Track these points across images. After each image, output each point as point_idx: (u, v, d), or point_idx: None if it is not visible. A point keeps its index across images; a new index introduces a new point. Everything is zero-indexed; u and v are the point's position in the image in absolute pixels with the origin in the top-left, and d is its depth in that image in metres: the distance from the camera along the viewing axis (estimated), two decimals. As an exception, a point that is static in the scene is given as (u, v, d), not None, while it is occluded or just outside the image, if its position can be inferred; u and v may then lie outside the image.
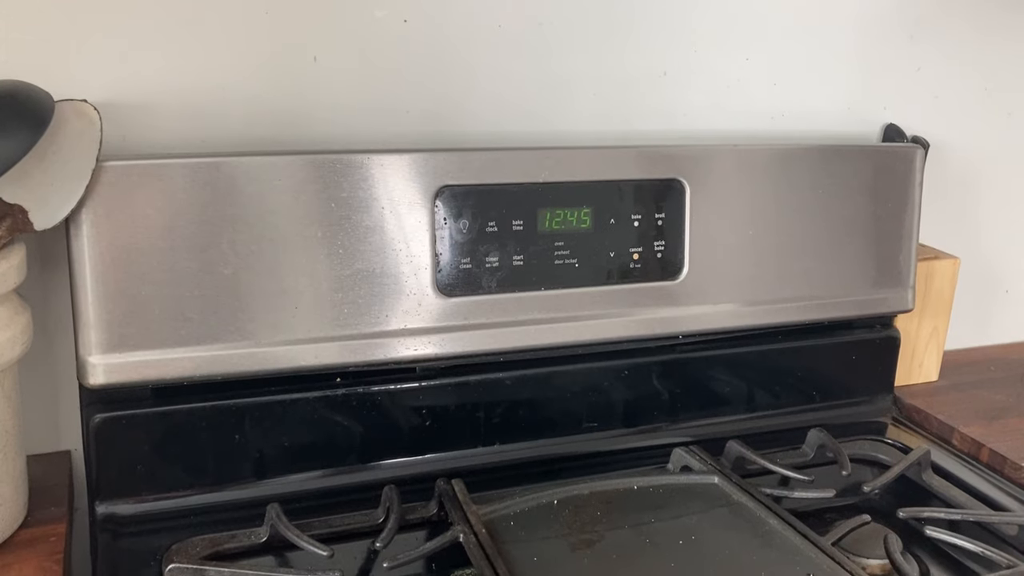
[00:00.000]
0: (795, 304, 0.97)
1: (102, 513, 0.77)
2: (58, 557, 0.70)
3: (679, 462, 0.90)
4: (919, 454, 0.92)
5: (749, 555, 0.74)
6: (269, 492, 0.81)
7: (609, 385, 0.93)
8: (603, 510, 0.80)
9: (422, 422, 0.87)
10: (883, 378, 1.07)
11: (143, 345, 0.74)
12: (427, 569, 0.79)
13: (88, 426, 0.76)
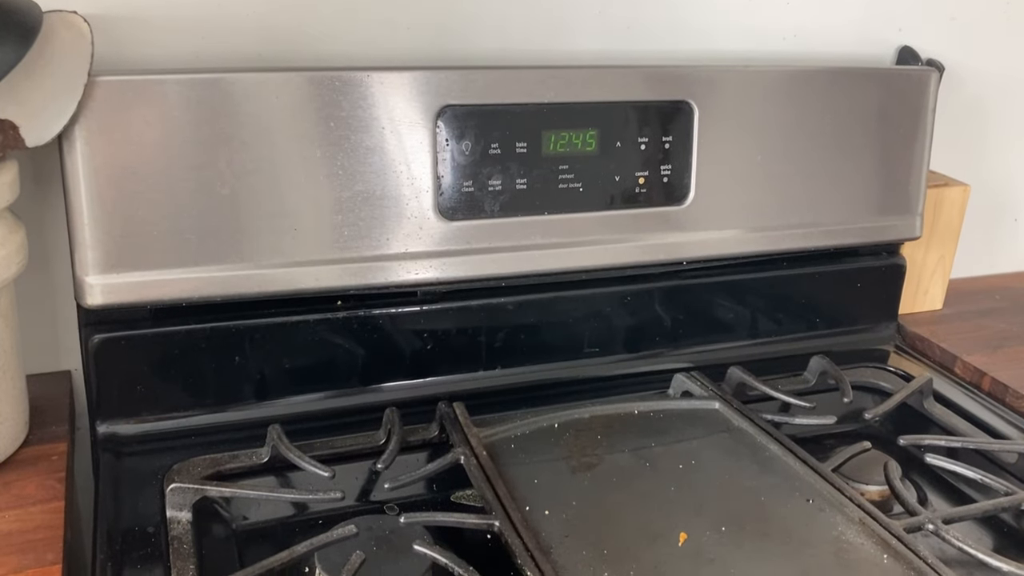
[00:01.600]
0: (801, 230, 0.95)
1: (103, 433, 0.77)
2: (60, 476, 0.70)
3: (680, 387, 0.90)
4: (921, 382, 0.92)
5: (749, 480, 0.74)
6: (270, 413, 0.81)
7: (611, 310, 0.92)
8: (603, 434, 0.80)
9: (423, 346, 0.86)
10: (887, 306, 1.06)
11: (141, 266, 0.73)
12: (428, 490, 0.79)
13: (87, 347, 0.76)
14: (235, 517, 0.74)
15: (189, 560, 0.63)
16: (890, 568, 0.65)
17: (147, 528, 0.67)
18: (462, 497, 0.78)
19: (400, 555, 0.67)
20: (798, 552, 0.66)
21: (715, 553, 0.66)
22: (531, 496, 0.71)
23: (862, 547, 0.67)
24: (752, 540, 0.67)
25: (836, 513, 0.70)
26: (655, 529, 0.68)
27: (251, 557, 0.67)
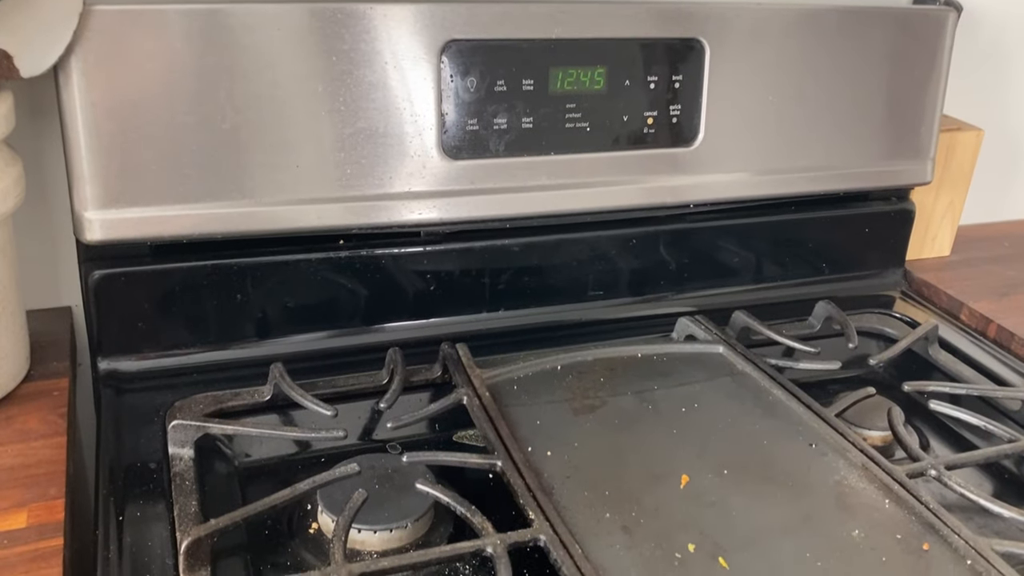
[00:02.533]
0: (811, 174, 0.94)
1: (104, 369, 0.77)
2: (62, 411, 0.70)
3: (684, 331, 0.89)
4: (926, 329, 0.91)
5: (751, 424, 0.74)
6: (272, 352, 0.81)
7: (616, 253, 0.92)
8: (606, 376, 0.80)
9: (426, 287, 0.86)
10: (895, 252, 1.05)
11: (140, 201, 0.72)
12: (430, 430, 0.79)
13: (87, 282, 0.75)
14: (237, 454, 0.74)
15: (191, 496, 0.64)
16: (891, 513, 0.65)
17: (149, 464, 0.67)
18: (464, 437, 0.78)
19: (402, 494, 0.67)
20: (800, 496, 0.66)
21: (716, 496, 0.66)
22: (533, 437, 0.71)
23: (864, 492, 0.67)
24: (754, 483, 0.67)
25: (838, 458, 0.70)
26: (657, 471, 0.68)
27: (253, 494, 0.67)
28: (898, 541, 0.62)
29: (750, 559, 0.60)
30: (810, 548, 0.61)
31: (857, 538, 0.62)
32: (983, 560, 0.60)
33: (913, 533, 0.63)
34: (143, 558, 0.59)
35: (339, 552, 0.57)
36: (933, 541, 0.62)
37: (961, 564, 0.60)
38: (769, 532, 0.62)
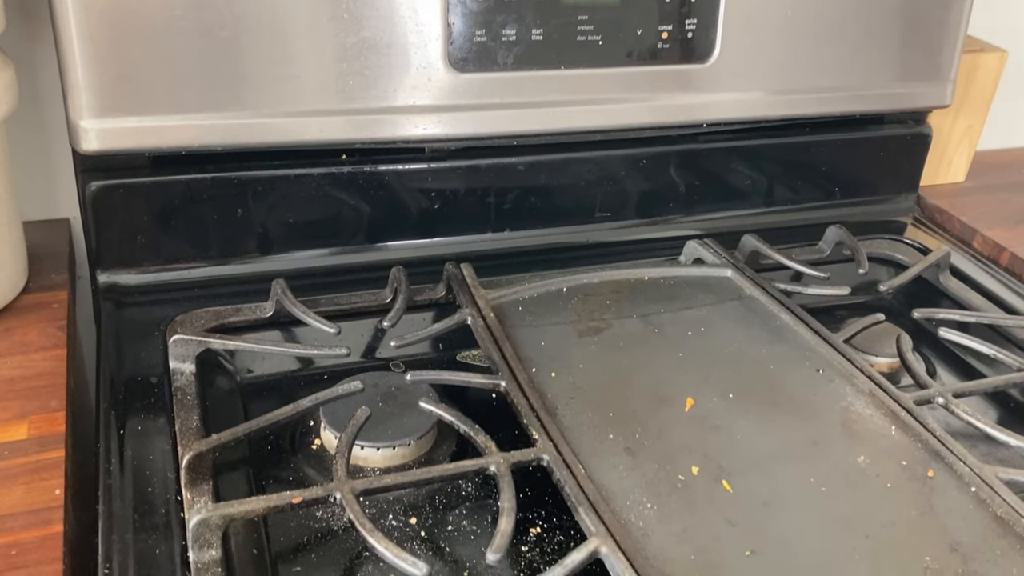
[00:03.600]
0: (827, 95, 0.91)
1: (104, 282, 0.76)
2: (61, 324, 0.69)
3: (692, 254, 0.88)
4: (938, 256, 0.90)
5: (758, 349, 0.73)
6: (274, 268, 0.79)
7: (625, 174, 0.89)
8: (612, 299, 0.79)
9: (431, 205, 0.84)
10: (909, 177, 1.03)
11: (137, 111, 0.70)
12: (434, 350, 0.79)
13: (84, 194, 0.73)
14: (239, 370, 0.73)
15: (193, 411, 0.63)
16: (897, 440, 0.64)
17: (150, 378, 0.67)
18: (468, 357, 0.78)
19: (405, 412, 0.67)
20: (805, 421, 0.66)
21: (721, 420, 0.65)
22: (537, 358, 0.70)
23: (870, 418, 0.66)
24: (759, 408, 0.67)
25: (845, 384, 0.70)
26: (662, 394, 0.68)
27: (256, 410, 0.66)
28: (903, 468, 0.62)
29: (754, 483, 0.60)
30: (814, 473, 0.61)
31: (862, 464, 0.62)
32: (988, 488, 0.60)
33: (918, 460, 0.63)
34: (145, 471, 0.58)
35: (342, 468, 0.57)
36: (938, 468, 0.62)
37: (966, 491, 0.60)
38: (773, 456, 0.62)
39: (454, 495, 0.64)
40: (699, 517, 0.57)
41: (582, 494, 0.56)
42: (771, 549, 0.55)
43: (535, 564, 0.58)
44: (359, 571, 0.57)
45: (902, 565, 0.54)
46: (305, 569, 0.57)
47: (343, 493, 0.55)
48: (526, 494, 0.62)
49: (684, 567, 0.53)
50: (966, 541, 0.56)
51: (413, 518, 0.61)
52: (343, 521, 0.60)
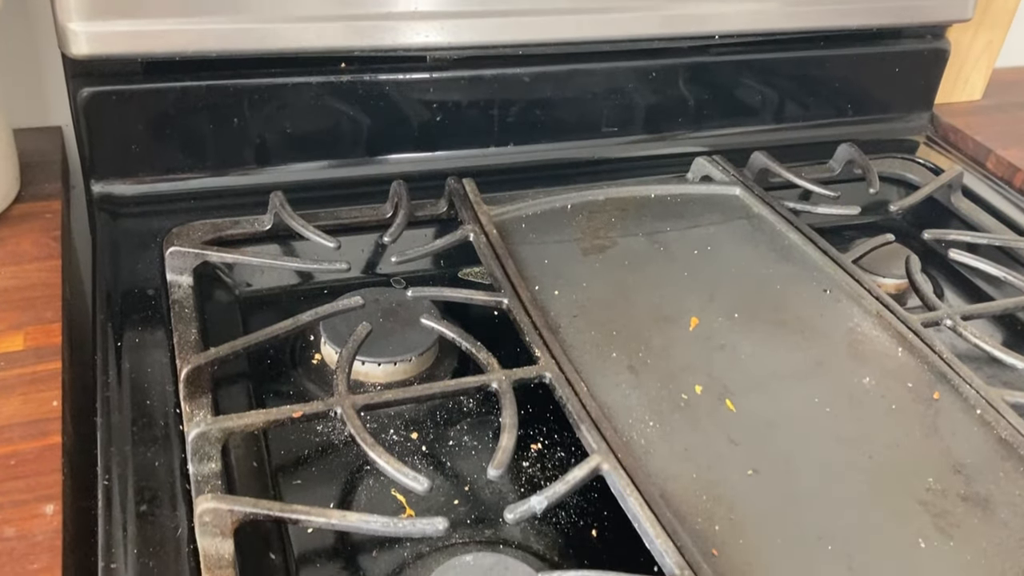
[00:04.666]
0: (845, 6, 0.88)
1: (98, 192, 0.74)
2: (55, 234, 0.68)
3: (700, 171, 0.86)
4: (951, 176, 0.88)
5: (765, 268, 0.72)
6: (272, 180, 0.78)
7: (633, 87, 0.87)
8: (617, 217, 0.77)
9: (432, 117, 0.82)
10: (924, 94, 1.00)
11: (129, 13, 0.67)
12: (435, 266, 0.78)
13: (76, 101, 0.71)
14: (238, 284, 0.72)
15: (191, 324, 0.62)
16: (903, 361, 0.64)
17: (147, 291, 0.66)
18: (470, 274, 0.76)
19: (407, 328, 0.66)
20: (812, 342, 0.65)
21: (726, 339, 0.65)
22: (541, 276, 0.69)
23: (877, 339, 0.66)
24: (765, 328, 0.66)
25: (853, 304, 0.69)
26: (666, 313, 0.67)
27: (255, 324, 0.66)
28: (909, 390, 0.61)
29: (757, 403, 0.59)
30: (819, 394, 0.60)
31: (867, 385, 0.61)
32: (993, 410, 0.59)
33: (924, 382, 0.62)
34: (143, 384, 0.58)
35: (343, 383, 0.56)
36: (944, 390, 0.61)
37: (971, 414, 0.60)
38: (778, 377, 0.62)
39: (455, 411, 0.63)
40: (701, 436, 0.56)
41: (584, 411, 0.56)
42: (773, 468, 0.55)
43: (536, 480, 0.58)
44: (360, 485, 0.57)
45: (904, 486, 0.54)
46: (306, 482, 0.57)
47: (344, 408, 0.54)
48: (527, 411, 0.62)
49: (685, 485, 0.53)
50: (969, 463, 0.56)
51: (414, 433, 0.61)
52: (344, 436, 0.60)
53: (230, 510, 0.47)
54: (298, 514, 0.48)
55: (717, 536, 0.50)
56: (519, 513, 0.49)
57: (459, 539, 0.54)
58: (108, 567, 0.46)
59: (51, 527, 0.47)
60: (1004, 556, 0.50)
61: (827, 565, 0.49)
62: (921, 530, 0.51)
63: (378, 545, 0.53)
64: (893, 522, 0.52)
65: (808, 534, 0.51)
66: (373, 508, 0.54)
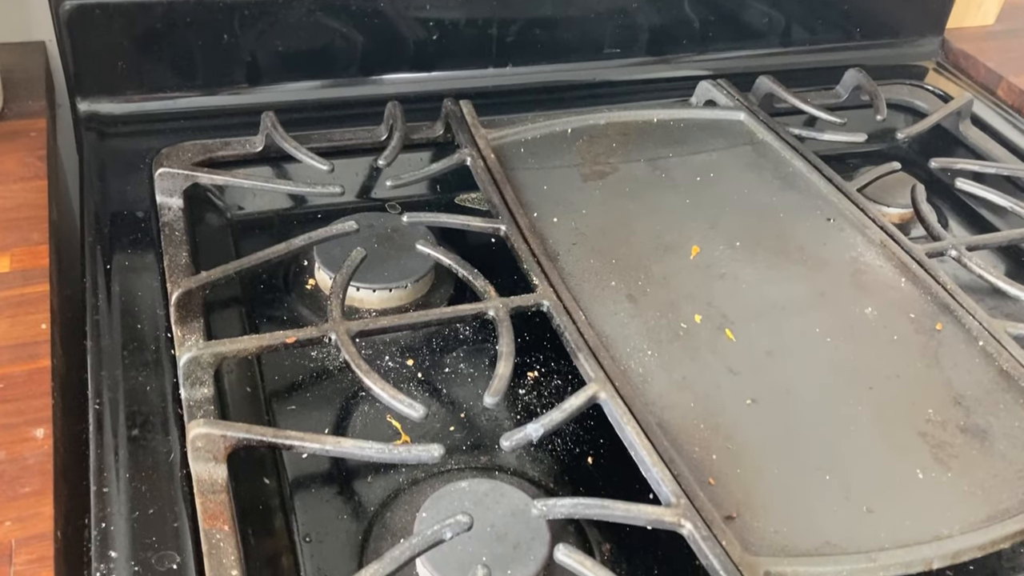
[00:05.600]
0: (858, -76, 0.85)
1: (84, 111, 0.72)
2: (41, 153, 0.66)
3: (704, 96, 0.84)
4: (960, 103, 0.86)
5: (769, 196, 0.71)
6: (263, 100, 0.75)
7: (637, 7, 0.84)
8: (619, 142, 0.76)
9: (428, 36, 0.79)
10: (935, 18, 0.97)
11: (111, -78, 0.64)
12: (431, 191, 0.76)
13: (58, 14, 0.68)
14: (229, 207, 0.71)
15: (181, 247, 0.61)
16: (907, 292, 0.63)
17: (136, 213, 0.64)
18: (467, 200, 0.75)
19: (402, 254, 0.65)
20: (814, 271, 0.64)
21: (727, 268, 0.63)
22: (539, 202, 0.67)
23: (880, 269, 0.64)
24: (767, 257, 0.65)
25: (857, 234, 0.68)
26: (667, 241, 0.65)
27: (247, 248, 0.64)
28: (911, 320, 0.60)
29: (757, 332, 0.59)
30: (820, 324, 0.60)
31: (870, 316, 0.60)
32: (995, 342, 0.59)
33: (927, 313, 0.61)
34: (133, 308, 0.57)
35: (337, 309, 0.55)
36: (947, 322, 0.61)
37: (973, 345, 0.59)
38: (779, 306, 0.61)
39: (451, 339, 0.62)
40: (700, 365, 0.56)
41: (582, 340, 0.55)
42: (772, 398, 0.54)
43: (532, 408, 0.58)
44: (355, 411, 0.57)
45: (905, 417, 0.54)
46: (300, 408, 0.56)
47: (338, 334, 0.53)
48: (524, 339, 0.61)
49: (683, 414, 0.52)
50: (970, 395, 0.56)
51: (410, 360, 0.60)
52: (338, 362, 0.59)
53: (223, 435, 0.47)
54: (292, 440, 0.48)
55: (714, 465, 0.50)
56: (515, 441, 0.49)
57: (455, 465, 0.54)
58: (100, 491, 0.46)
59: (42, 451, 0.47)
60: (1001, 487, 0.50)
61: (825, 495, 0.49)
62: (920, 461, 0.51)
63: (373, 471, 0.53)
64: (892, 453, 0.51)
65: (806, 464, 0.50)
66: (368, 434, 0.54)
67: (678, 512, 0.45)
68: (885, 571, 0.45)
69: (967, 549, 0.46)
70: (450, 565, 0.45)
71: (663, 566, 0.50)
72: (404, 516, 0.50)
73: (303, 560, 0.48)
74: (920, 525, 0.47)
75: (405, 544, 0.42)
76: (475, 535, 0.46)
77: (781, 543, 0.46)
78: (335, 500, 0.51)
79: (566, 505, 0.46)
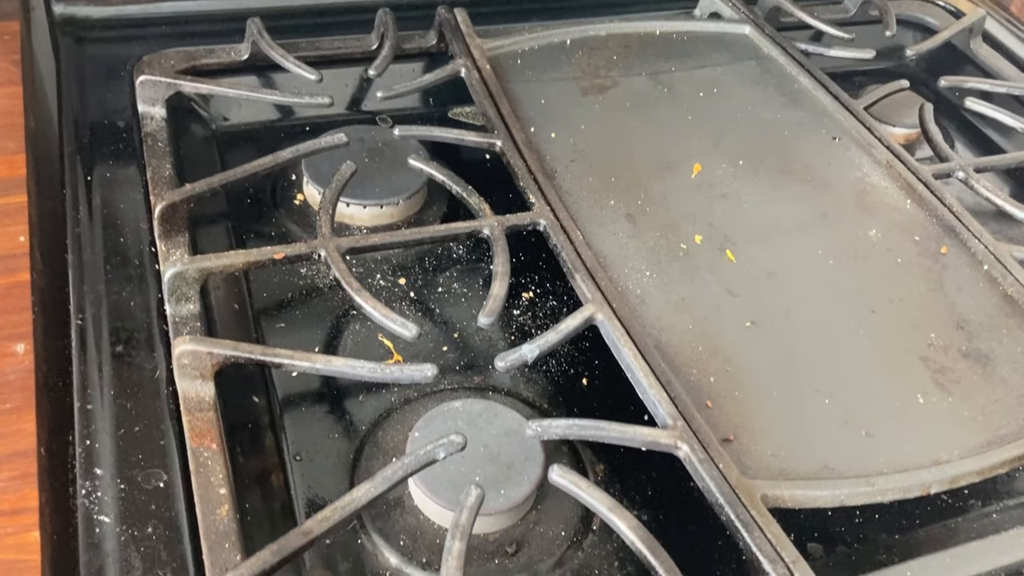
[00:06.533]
0: None
1: (61, 14, 0.69)
2: (15, 58, 0.63)
3: (708, 8, 0.80)
4: (972, 19, 0.83)
5: (773, 113, 0.69)
6: (249, 5, 0.72)
7: (640, -88, 0.80)
8: (620, 55, 0.73)
9: (421, -63, 0.75)
10: (949, -70, 0.93)
11: None
12: (424, 104, 0.74)
13: (29, -92, 0.65)
14: (214, 118, 0.68)
15: (165, 159, 0.59)
16: (912, 214, 0.61)
17: (117, 123, 0.62)
18: (461, 114, 0.73)
19: (393, 169, 0.63)
20: (818, 192, 0.62)
21: (729, 187, 0.62)
22: (537, 116, 0.65)
23: (885, 190, 0.63)
24: (770, 176, 0.63)
25: (862, 153, 0.66)
26: (668, 158, 0.63)
27: (233, 161, 0.62)
28: (915, 243, 0.59)
29: (758, 253, 0.57)
30: (823, 246, 0.58)
31: (873, 238, 0.59)
32: (1000, 266, 0.57)
33: (932, 236, 0.60)
34: (115, 220, 0.55)
35: (326, 225, 0.53)
36: (952, 245, 0.59)
37: (978, 269, 0.58)
38: (781, 227, 0.59)
39: (445, 258, 0.61)
40: (699, 286, 0.55)
41: (579, 260, 0.53)
42: (772, 321, 0.53)
43: (527, 329, 0.57)
44: (346, 330, 0.55)
45: (906, 341, 0.53)
46: (289, 326, 0.55)
47: (328, 250, 0.52)
48: (519, 259, 0.60)
49: (681, 336, 0.51)
50: (973, 319, 0.54)
51: (402, 279, 0.59)
52: (328, 280, 0.58)
53: (209, 352, 0.46)
54: (281, 358, 0.47)
55: (712, 388, 0.49)
56: (510, 361, 0.48)
57: (448, 386, 0.53)
58: (84, 408, 0.45)
59: (23, 366, 0.46)
60: (1002, 413, 0.49)
61: (823, 419, 0.48)
62: (921, 386, 0.50)
63: (365, 390, 0.52)
64: (892, 377, 0.51)
65: (805, 388, 0.49)
66: (360, 354, 0.53)
67: (674, 434, 0.45)
68: (883, 495, 0.44)
69: (965, 474, 0.46)
70: (443, 485, 0.45)
71: (657, 487, 0.49)
72: (396, 436, 0.50)
73: (293, 479, 0.47)
74: (919, 450, 0.47)
75: (397, 464, 0.42)
76: (468, 455, 0.45)
77: (778, 467, 0.45)
78: (326, 419, 0.51)
79: (561, 426, 0.45)
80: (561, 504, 0.47)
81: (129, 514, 0.41)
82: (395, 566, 0.44)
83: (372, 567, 0.44)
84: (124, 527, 0.41)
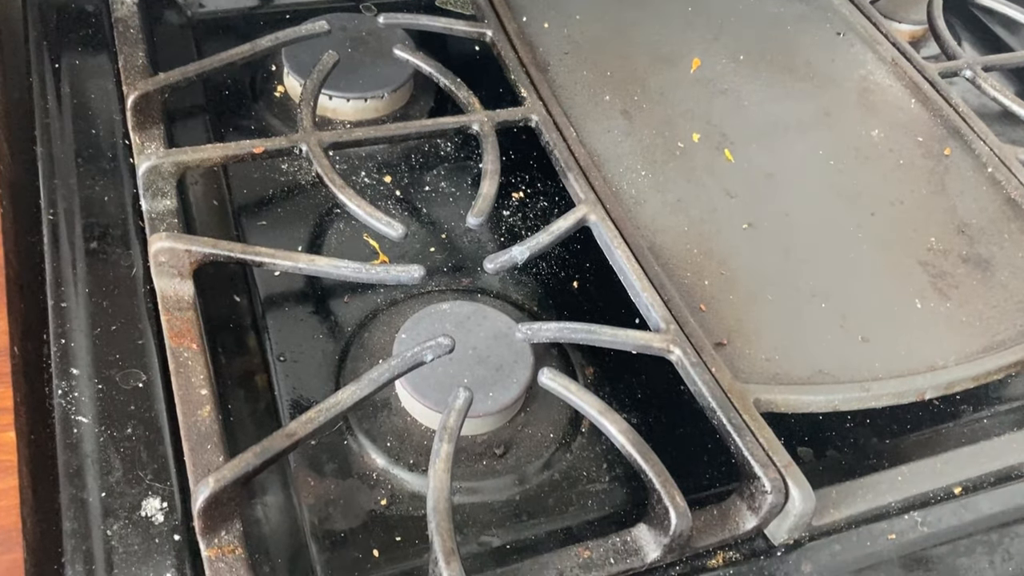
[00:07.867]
0: None
1: None
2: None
3: None
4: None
5: (776, 6, 0.66)
6: None
7: None
8: (617, -59, 0.69)
9: None
10: None
11: None
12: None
13: None
14: (189, 4, 0.65)
15: (137, 47, 0.55)
16: (916, 114, 0.59)
17: (85, 7, 0.58)
18: (448, 3, 0.69)
19: (378, 59, 0.60)
20: (820, 89, 0.60)
21: (729, 83, 0.59)
22: (529, 5, 0.62)
23: (890, 89, 0.61)
24: (771, 72, 0.61)
25: (867, 50, 0.63)
26: (666, 52, 0.61)
27: (210, 50, 0.59)
28: (919, 144, 0.57)
29: (758, 153, 0.55)
30: (824, 146, 0.56)
31: (876, 138, 0.57)
32: (1005, 169, 0.56)
33: (936, 137, 0.58)
34: (86, 111, 0.52)
35: (308, 118, 0.51)
36: (956, 146, 0.57)
37: (981, 172, 0.56)
38: (782, 126, 0.57)
39: (432, 155, 0.59)
40: (696, 187, 0.53)
41: (572, 158, 0.51)
42: (770, 223, 0.52)
43: (517, 230, 0.55)
44: (329, 229, 0.54)
45: (906, 245, 0.51)
46: (271, 224, 0.53)
47: (309, 145, 0.49)
48: (510, 157, 0.57)
49: (676, 238, 0.50)
50: (975, 223, 0.53)
51: (387, 177, 0.57)
52: (311, 176, 0.56)
53: (187, 250, 0.44)
54: (263, 256, 0.45)
55: (706, 291, 0.47)
56: (499, 263, 0.46)
57: (435, 287, 0.52)
58: (58, 306, 0.43)
59: (-8, 262, 0.44)
60: (1000, 318, 0.49)
61: (819, 323, 0.47)
62: (919, 290, 0.49)
63: (350, 290, 0.50)
64: (891, 281, 0.50)
65: (802, 291, 0.48)
66: (344, 253, 0.51)
67: (667, 338, 0.44)
68: (877, 401, 0.44)
69: (961, 380, 0.45)
70: (431, 387, 0.44)
71: (647, 390, 0.49)
72: (382, 337, 0.48)
73: (277, 380, 0.46)
74: (915, 355, 0.46)
75: (384, 365, 0.40)
76: (456, 358, 0.44)
77: (772, 371, 0.44)
78: (310, 319, 0.49)
79: (551, 329, 0.44)
80: (550, 406, 0.46)
81: (107, 414, 0.40)
82: (382, 467, 0.43)
83: (358, 469, 0.43)
84: (103, 427, 0.40)
